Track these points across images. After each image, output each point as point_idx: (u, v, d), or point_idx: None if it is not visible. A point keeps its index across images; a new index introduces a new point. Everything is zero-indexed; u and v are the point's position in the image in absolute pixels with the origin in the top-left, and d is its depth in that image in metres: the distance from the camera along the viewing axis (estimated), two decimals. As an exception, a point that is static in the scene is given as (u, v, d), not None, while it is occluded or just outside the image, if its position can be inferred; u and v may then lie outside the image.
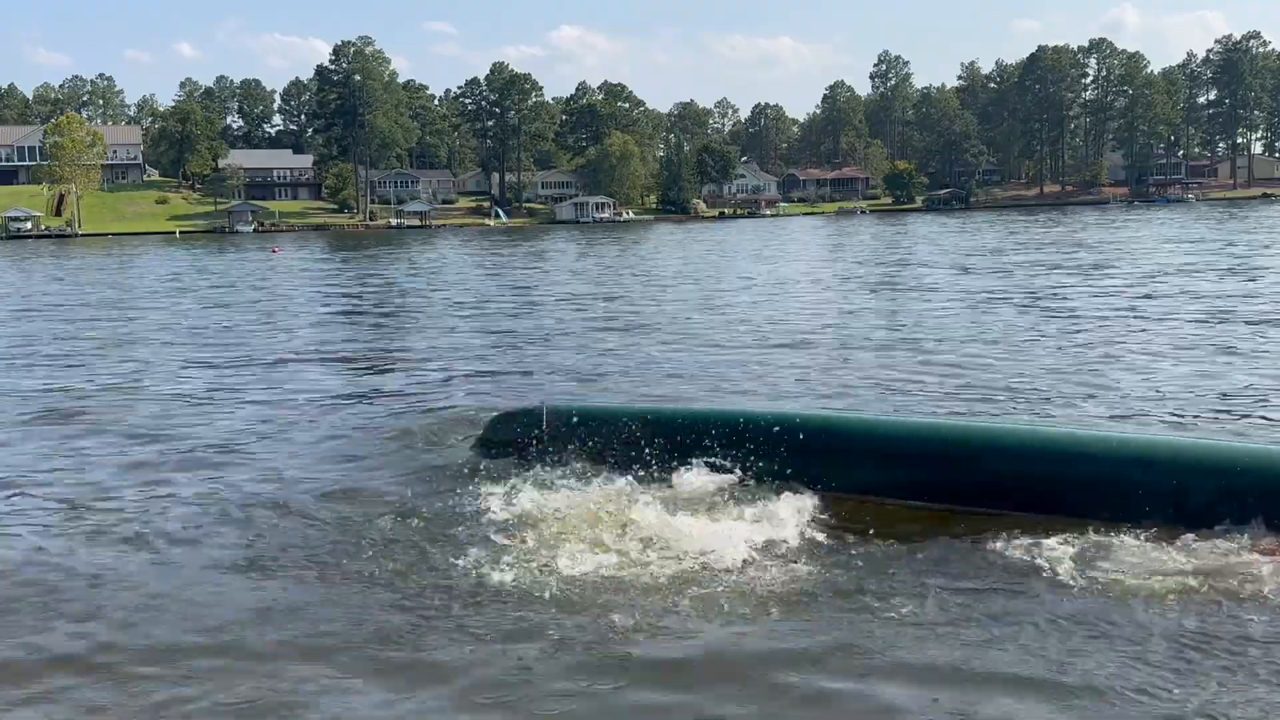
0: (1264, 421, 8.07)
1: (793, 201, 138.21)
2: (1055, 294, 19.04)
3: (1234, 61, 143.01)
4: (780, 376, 10.72)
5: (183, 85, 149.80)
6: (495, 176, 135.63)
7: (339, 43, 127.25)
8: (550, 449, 7.01)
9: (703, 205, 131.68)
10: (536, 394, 9.31)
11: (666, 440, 6.70)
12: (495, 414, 7.79)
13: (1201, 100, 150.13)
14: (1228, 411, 8.41)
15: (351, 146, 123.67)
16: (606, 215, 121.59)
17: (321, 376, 11.82)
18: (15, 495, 6.83)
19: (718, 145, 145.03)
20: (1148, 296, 18.01)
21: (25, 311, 22.22)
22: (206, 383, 11.39)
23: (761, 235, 63.62)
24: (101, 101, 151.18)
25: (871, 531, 5.53)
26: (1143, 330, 13.66)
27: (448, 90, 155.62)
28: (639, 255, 42.93)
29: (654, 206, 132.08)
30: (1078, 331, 13.67)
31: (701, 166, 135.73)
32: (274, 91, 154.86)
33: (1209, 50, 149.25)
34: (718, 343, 13.75)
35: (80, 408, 9.89)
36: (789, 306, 18.63)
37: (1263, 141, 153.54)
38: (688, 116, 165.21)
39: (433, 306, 21.53)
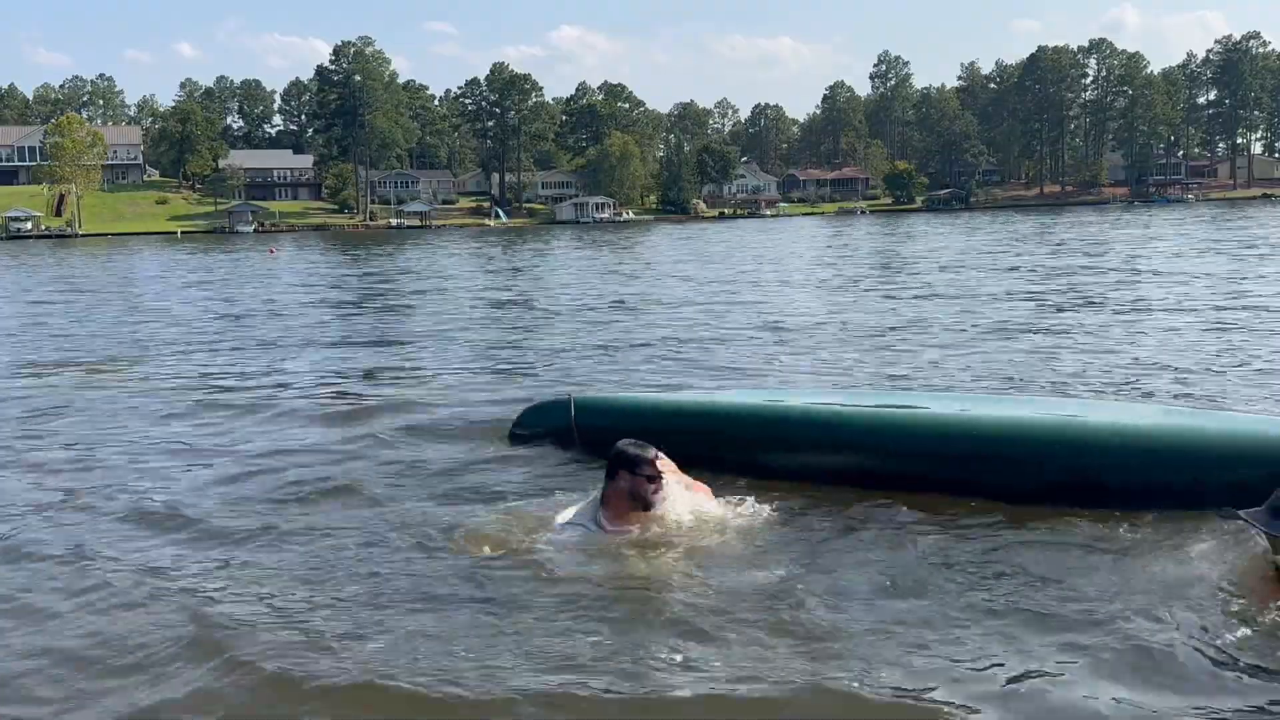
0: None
1: (793, 202, 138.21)
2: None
3: (1234, 62, 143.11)
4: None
5: (183, 85, 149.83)
6: (495, 177, 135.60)
7: (339, 43, 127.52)
8: (580, 442, 6.97)
9: (703, 205, 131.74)
10: (565, 386, 9.23)
11: (698, 434, 6.66)
12: (524, 407, 7.73)
13: (1201, 100, 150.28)
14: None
15: (351, 147, 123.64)
16: (606, 215, 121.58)
17: (332, 377, 11.72)
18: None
19: (718, 145, 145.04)
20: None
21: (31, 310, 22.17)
22: (213, 384, 11.29)
23: (767, 235, 63.62)
24: (101, 102, 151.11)
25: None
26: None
27: (448, 90, 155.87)
28: (649, 254, 42.89)
29: (654, 206, 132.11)
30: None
31: (701, 167, 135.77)
32: (274, 92, 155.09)
33: (1209, 50, 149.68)
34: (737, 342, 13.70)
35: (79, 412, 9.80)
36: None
37: (1263, 142, 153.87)
38: (688, 117, 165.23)
39: (444, 304, 21.44)
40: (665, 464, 5.38)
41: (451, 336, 15.04)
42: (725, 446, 6.50)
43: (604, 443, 6.82)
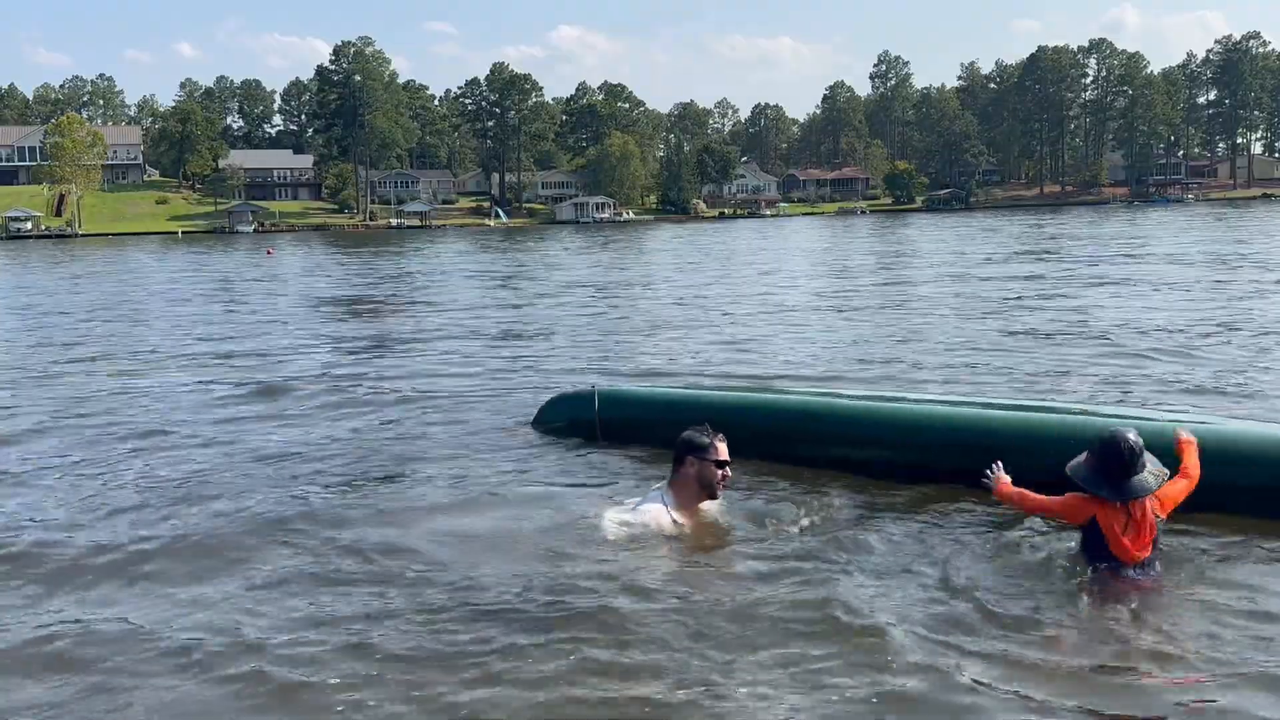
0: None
1: (793, 201, 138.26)
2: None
3: (1234, 62, 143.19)
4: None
5: (183, 85, 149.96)
6: (495, 177, 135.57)
7: (339, 43, 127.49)
8: (602, 435, 6.94)
9: (703, 205, 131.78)
10: (588, 378, 9.19)
11: (721, 427, 6.60)
12: (547, 399, 7.69)
13: (1201, 100, 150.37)
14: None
15: (351, 147, 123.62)
16: (606, 215, 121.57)
17: (347, 374, 11.66)
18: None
19: (718, 145, 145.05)
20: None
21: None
22: (226, 384, 11.22)
23: (771, 235, 63.57)
24: (102, 102, 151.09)
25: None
26: None
27: (448, 90, 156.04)
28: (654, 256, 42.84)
29: (654, 206, 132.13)
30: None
31: (701, 167, 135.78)
32: (274, 92, 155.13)
33: (1209, 50, 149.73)
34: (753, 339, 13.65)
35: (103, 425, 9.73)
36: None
37: (1263, 142, 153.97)
38: (688, 116, 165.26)
39: (453, 302, 21.38)
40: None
41: (466, 331, 14.99)
42: (748, 440, 6.45)
43: (627, 435, 6.82)
